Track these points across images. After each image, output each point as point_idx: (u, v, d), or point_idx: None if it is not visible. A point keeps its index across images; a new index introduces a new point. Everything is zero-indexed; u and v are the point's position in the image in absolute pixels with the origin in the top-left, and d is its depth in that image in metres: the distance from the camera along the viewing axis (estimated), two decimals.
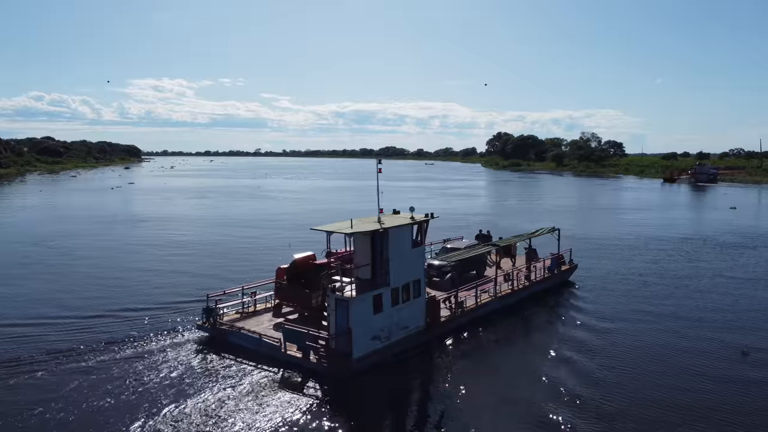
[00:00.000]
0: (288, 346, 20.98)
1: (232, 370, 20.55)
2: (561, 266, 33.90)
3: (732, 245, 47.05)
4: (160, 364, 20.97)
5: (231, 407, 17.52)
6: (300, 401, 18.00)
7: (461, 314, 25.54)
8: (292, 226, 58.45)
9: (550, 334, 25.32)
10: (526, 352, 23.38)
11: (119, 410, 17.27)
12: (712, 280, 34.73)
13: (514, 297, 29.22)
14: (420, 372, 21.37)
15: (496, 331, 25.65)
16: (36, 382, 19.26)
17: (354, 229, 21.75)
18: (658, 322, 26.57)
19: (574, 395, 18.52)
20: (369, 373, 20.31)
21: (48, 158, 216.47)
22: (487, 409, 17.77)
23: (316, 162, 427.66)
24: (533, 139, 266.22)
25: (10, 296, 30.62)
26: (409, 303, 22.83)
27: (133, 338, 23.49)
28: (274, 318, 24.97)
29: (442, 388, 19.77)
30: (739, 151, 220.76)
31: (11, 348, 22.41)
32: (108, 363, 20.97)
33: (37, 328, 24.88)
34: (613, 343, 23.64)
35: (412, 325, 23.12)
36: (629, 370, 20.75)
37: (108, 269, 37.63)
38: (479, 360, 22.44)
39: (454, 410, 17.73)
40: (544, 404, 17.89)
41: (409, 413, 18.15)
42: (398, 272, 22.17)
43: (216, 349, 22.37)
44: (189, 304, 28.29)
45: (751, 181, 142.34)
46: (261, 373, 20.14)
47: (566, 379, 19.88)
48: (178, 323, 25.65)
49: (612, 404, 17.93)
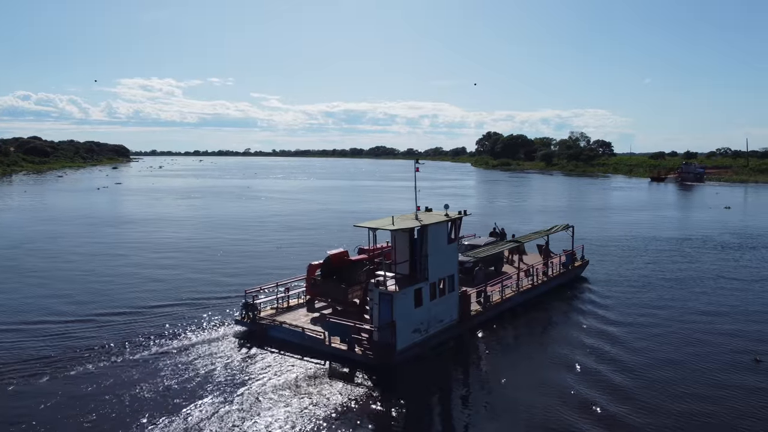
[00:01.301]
0: (332, 339, 21.65)
1: (277, 362, 21.25)
2: (574, 262, 35.02)
3: (732, 246, 46.80)
4: (204, 358, 21.60)
5: (283, 396, 18.25)
6: (348, 391, 18.79)
7: (489, 308, 26.51)
8: (283, 228, 58.53)
9: (572, 326, 26.25)
10: (551, 343, 24.22)
11: (171, 403, 17.79)
12: (715, 281, 34.57)
13: (534, 292, 30.32)
14: (457, 363, 22.37)
15: (522, 323, 26.89)
16: (88, 376, 19.74)
17: (396, 226, 22.45)
18: (668, 318, 27.13)
19: (601, 381, 19.60)
20: (410, 364, 21.14)
21: (35, 158, 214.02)
22: (523, 396, 18.59)
23: (306, 162, 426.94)
24: (523, 139, 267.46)
25: (58, 296, 30.78)
26: (444, 297, 23.76)
27: (173, 334, 24.12)
28: (308, 313, 25.65)
29: (478, 377, 20.86)
30: (726, 151, 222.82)
31: (62, 344, 22.89)
32: (151, 358, 21.50)
33: (83, 324, 25.50)
34: (629, 338, 24.33)
35: (447, 319, 24.05)
36: (646, 359, 21.74)
37: (115, 270, 37.94)
38: (510, 351, 23.52)
39: (492, 398, 18.65)
40: (575, 391, 18.81)
41: (450, 401, 19.11)
42: (436, 267, 23.04)
43: (257, 343, 23.10)
44: (211, 301, 29.31)
45: (738, 180, 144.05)
46: (306, 365, 20.88)
47: (594, 366, 20.88)
48: (214, 319, 26.24)
49: (634, 387, 19.05)
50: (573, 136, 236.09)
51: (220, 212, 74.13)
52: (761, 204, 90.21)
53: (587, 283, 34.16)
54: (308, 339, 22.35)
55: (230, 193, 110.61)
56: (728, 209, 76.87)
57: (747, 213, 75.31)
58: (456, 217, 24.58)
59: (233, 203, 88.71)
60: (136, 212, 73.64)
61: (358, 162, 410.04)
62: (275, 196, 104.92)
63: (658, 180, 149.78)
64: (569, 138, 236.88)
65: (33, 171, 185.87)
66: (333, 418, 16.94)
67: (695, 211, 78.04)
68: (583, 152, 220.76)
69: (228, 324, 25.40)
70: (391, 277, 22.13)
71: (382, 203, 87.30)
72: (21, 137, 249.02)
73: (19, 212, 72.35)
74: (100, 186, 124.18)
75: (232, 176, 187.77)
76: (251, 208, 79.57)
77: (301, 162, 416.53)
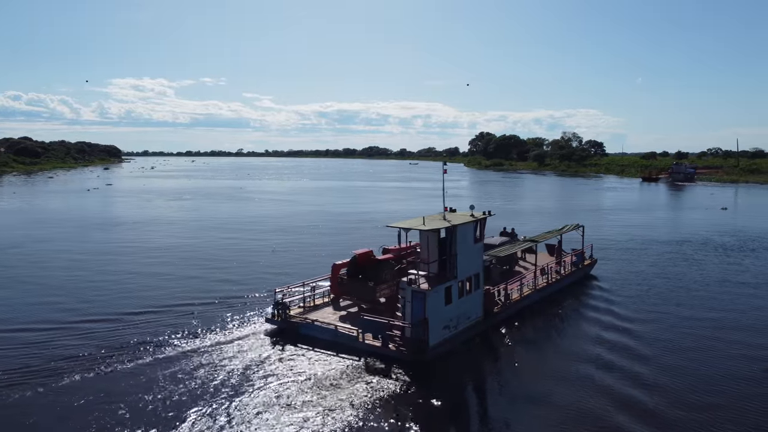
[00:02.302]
0: (366, 335, 22.32)
1: (311, 359, 21.88)
2: (584, 261, 36.02)
3: (733, 248, 47.05)
4: (239, 355, 22.09)
5: (321, 391, 18.89)
6: (383, 386, 19.48)
7: (509, 305, 27.44)
8: (278, 229, 58.73)
9: (588, 322, 27.38)
10: (571, 338, 25.35)
11: (210, 399, 18.24)
12: (721, 286, 34.25)
13: (549, 289, 31.33)
14: (485, 358, 23.32)
15: (541, 320, 27.82)
16: (123, 374, 20.30)
17: (427, 227, 23.18)
18: (680, 313, 28.40)
19: (622, 372, 20.76)
20: (442, 359, 21.91)
21: (26, 159, 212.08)
22: (551, 388, 19.48)
23: (298, 162, 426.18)
24: (515, 139, 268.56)
25: (82, 297, 31.11)
26: (471, 295, 24.65)
27: (204, 333, 24.63)
28: (335, 311, 26.28)
29: (506, 371, 21.66)
30: (717, 151, 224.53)
31: (97, 343, 23.40)
32: (186, 357, 21.94)
33: (113, 323, 26.07)
34: (643, 330, 25.62)
35: (473, 315, 24.92)
36: (662, 350, 23.17)
37: (125, 270, 38.23)
38: (533, 346, 24.40)
39: (521, 391, 19.48)
40: (601, 382, 19.91)
41: (483, 394, 20.00)
42: (464, 266, 23.93)
43: (289, 340, 23.66)
44: (233, 300, 29.88)
45: (729, 180, 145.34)
46: (340, 361, 21.51)
47: (614, 359, 22.02)
48: (243, 318, 26.78)
49: (653, 376, 20.39)
50: (565, 136, 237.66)
51: (212, 213, 73.65)
52: (757, 205, 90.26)
53: (597, 281, 35.34)
54: (341, 336, 22.95)
55: (222, 194, 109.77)
56: (725, 210, 76.91)
57: (745, 214, 74.64)
58: (481, 217, 25.61)
59: (226, 204, 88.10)
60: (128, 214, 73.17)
61: (351, 162, 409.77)
62: (272, 197, 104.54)
63: (650, 180, 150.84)
64: (561, 138, 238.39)
65: (23, 172, 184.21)
66: (371, 411, 17.58)
67: (694, 212, 77.72)
68: (575, 152, 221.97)
69: (258, 322, 25.97)
70: (422, 275, 22.84)
71: (379, 204, 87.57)
72: (11, 138, 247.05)
73: (7, 214, 71.62)
74: (90, 187, 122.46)
75: (225, 177, 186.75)
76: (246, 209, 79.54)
77: (294, 162, 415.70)
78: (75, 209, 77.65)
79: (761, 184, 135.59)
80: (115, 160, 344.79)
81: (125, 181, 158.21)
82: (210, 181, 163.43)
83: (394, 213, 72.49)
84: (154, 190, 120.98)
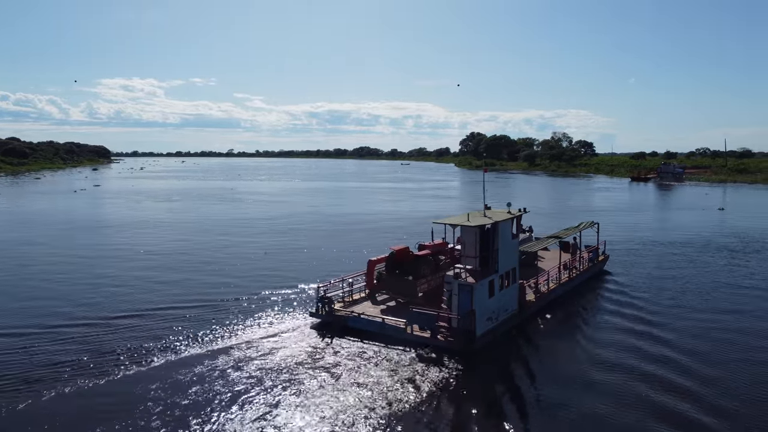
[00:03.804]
0: (413, 327, 23.29)
1: (362, 350, 22.86)
2: (599, 257, 37.64)
3: (736, 249, 46.61)
4: (288, 348, 23.01)
5: (376, 380, 19.80)
6: (435, 375, 20.40)
7: (539, 298, 28.69)
8: (276, 231, 58.44)
9: (612, 314, 28.53)
10: (600, 329, 26.50)
11: (267, 390, 19.09)
12: (730, 288, 33.91)
13: (571, 284, 32.56)
14: (525, 347, 24.18)
15: (569, 312, 29.05)
16: (179, 366, 21.12)
17: (472, 223, 24.49)
18: (694, 306, 29.91)
19: (654, 359, 22.15)
20: (486, 349, 23.04)
21: (13, 159, 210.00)
22: (592, 374, 20.72)
23: (289, 162, 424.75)
24: (506, 139, 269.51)
25: (113, 293, 31.91)
26: (509, 288, 25.84)
27: (250, 327, 25.67)
28: (373, 305, 27.29)
29: (547, 360, 22.63)
30: (705, 151, 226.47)
31: (143, 336, 24.44)
32: (235, 349, 22.83)
33: (161, 321, 26.71)
34: (663, 320, 27.25)
35: (510, 308, 26.09)
36: (681, 335, 25.02)
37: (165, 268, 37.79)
38: (566, 336, 25.46)
39: (565, 377, 20.54)
40: (637, 367, 21.32)
41: (530, 381, 20.66)
42: (504, 261, 25.14)
43: (336, 333, 24.63)
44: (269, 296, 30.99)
45: (717, 180, 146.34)
46: (390, 352, 22.50)
47: (643, 346, 23.51)
48: (287, 313, 27.84)
49: (680, 360, 21.94)
50: (555, 136, 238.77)
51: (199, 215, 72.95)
52: (753, 205, 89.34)
53: (611, 276, 36.80)
54: (388, 328, 23.91)
55: (213, 195, 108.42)
56: (722, 210, 76.48)
57: (743, 215, 73.10)
58: (518, 214, 26.90)
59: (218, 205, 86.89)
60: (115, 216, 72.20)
61: (342, 162, 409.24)
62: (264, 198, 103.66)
63: (639, 180, 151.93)
64: (552, 138, 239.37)
65: (10, 173, 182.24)
66: (430, 398, 18.56)
67: (692, 212, 76.00)
68: (566, 152, 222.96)
69: (303, 317, 26.87)
70: (466, 269, 24.05)
71: (375, 205, 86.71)
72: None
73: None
74: (77, 188, 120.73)
75: (216, 178, 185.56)
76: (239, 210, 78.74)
77: (285, 163, 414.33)
78: (61, 211, 76.04)
79: (749, 183, 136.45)
80: (104, 160, 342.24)
81: (114, 182, 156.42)
82: (200, 182, 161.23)
83: (394, 213, 73.24)
84: (144, 191, 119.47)
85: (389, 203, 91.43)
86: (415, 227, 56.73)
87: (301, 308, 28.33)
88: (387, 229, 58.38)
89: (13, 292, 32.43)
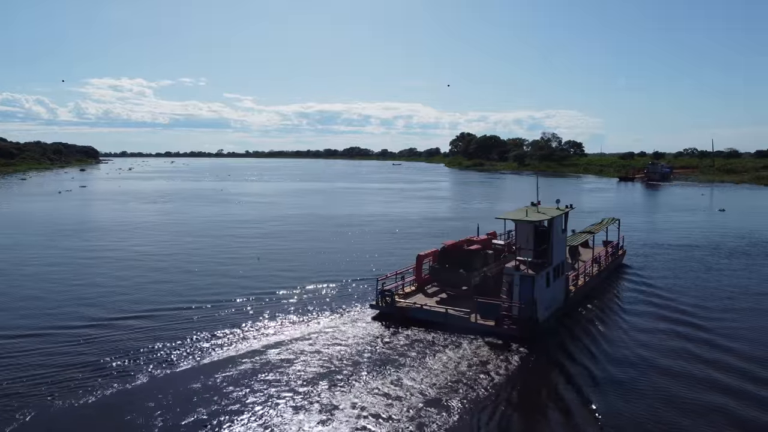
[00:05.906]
0: (476, 316, 24.68)
1: (428, 339, 24.01)
2: (619, 251, 40.14)
3: (743, 251, 46.25)
4: (353, 338, 24.16)
5: (447, 365, 21.17)
6: (504, 359, 21.89)
7: (579, 289, 30.45)
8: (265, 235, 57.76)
9: (643, 304, 30.53)
10: (639, 314, 28.57)
11: (341, 377, 20.05)
12: (753, 297, 32.76)
13: (600, 277, 34.59)
14: (578, 333, 25.61)
15: (605, 301, 31.16)
16: (233, 358, 21.98)
17: (532, 218, 26.28)
18: (714, 293, 32.55)
19: (695, 339, 24.36)
20: (546, 336, 24.56)
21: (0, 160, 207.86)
22: (646, 356, 22.48)
23: (280, 163, 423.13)
24: (496, 140, 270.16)
25: (175, 288, 33.09)
26: (559, 279, 27.49)
27: (313, 318, 27.05)
28: (426, 297, 28.78)
29: (599, 343, 24.19)
30: (693, 151, 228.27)
31: (210, 324, 25.89)
32: (304, 339, 23.99)
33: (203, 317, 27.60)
34: (687, 306, 29.58)
35: (559, 297, 27.73)
36: (715, 321, 27.20)
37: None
38: (609, 323, 27.22)
39: (619, 358, 22.26)
40: (683, 347, 23.36)
41: (593, 362, 22.04)
42: (556, 253, 26.85)
43: (400, 324, 25.81)
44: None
45: (704, 180, 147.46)
46: (456, 340, 23.74)
47: (682, 331, 25.52)
48: (347, 305, 29.28)
49: (715, 341, 24.12)
50: (545, 136, 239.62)
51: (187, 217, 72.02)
52: (752, 206, 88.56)
53: (631, 269, 39.17)
54: (451, 318, 25.17)
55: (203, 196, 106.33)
56: (723, 211, 75.95)
57: (743, 215, 72.33)
58: (567, 210, 28.66)
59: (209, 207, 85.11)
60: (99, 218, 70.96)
61: (333, 163, 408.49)
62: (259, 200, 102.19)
63: (626, 180, 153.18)
64: (541, 139, 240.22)
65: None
66: (502, 380, 19.97)
67: (690, 214, 74.83)
68: (555, 152, 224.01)
69: (364, 309, 28.21)
70: (525, 262, 25.70)
71: (371, 206, 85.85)
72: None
73: None
74: (62, 190, 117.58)
75: (205, 178, 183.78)
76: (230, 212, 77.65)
77: (276, 163, 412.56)
78: (40, 214, 73.44)
79: (736, 183, 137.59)
80: (93, 161, 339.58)
81: (101, 183, 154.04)
82: (190, 183, 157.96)
83: (395, 214, 73.14)
84: (131, 192, 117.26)
85: (397, 203, 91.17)
86: (415, 227, 56.70)
87: (359, 302, 29.72)
88: (384, 230, 57.89)
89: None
